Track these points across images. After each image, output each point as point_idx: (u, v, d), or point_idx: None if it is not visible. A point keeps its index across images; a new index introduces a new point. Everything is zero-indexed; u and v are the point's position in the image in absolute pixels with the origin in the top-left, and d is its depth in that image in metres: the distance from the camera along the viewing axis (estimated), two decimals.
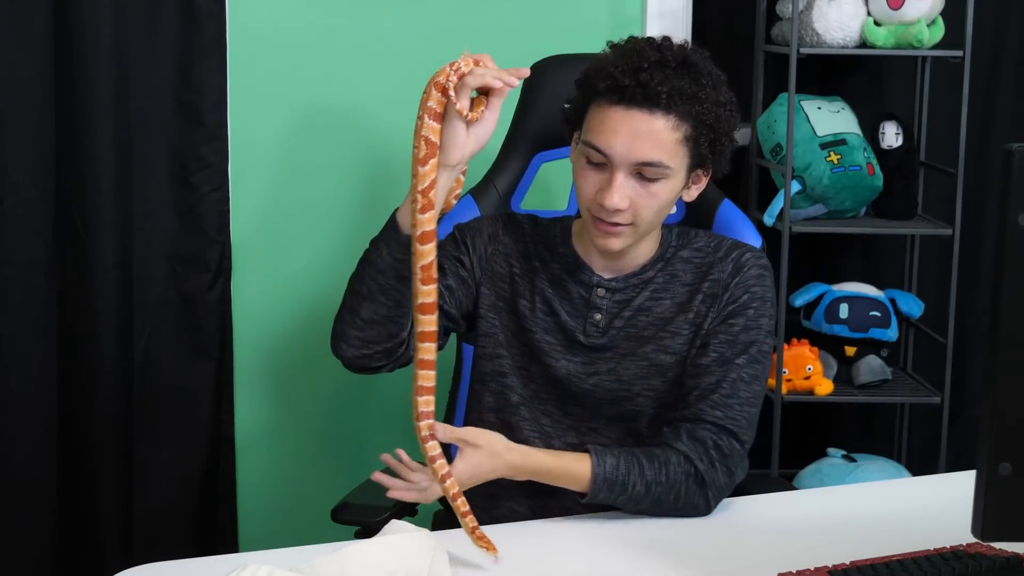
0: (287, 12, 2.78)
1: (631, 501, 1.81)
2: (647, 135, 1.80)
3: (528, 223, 2.03)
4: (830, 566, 1.58)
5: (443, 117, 1.67)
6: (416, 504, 2.12)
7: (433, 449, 1.68)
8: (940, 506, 1.77)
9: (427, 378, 1.67)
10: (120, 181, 2.65)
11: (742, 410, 1.87)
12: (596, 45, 1.95)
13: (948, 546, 1.63)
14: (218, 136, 2.72)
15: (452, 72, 1.65)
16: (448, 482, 1.67)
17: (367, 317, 1.85)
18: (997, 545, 1.60)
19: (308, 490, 2.93)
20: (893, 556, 1.61)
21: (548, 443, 1.95)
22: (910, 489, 2.12)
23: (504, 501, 1.98)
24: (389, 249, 1.81)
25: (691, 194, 1.92)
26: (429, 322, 1.66)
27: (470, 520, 1.66)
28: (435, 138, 1.67)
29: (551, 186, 2.66)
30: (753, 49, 3.24)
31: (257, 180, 2.81)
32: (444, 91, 1.65)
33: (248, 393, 2.87)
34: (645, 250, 1.95)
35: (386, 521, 1.68)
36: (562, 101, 2.01)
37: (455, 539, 1.72)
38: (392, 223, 1.83)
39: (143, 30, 2.64)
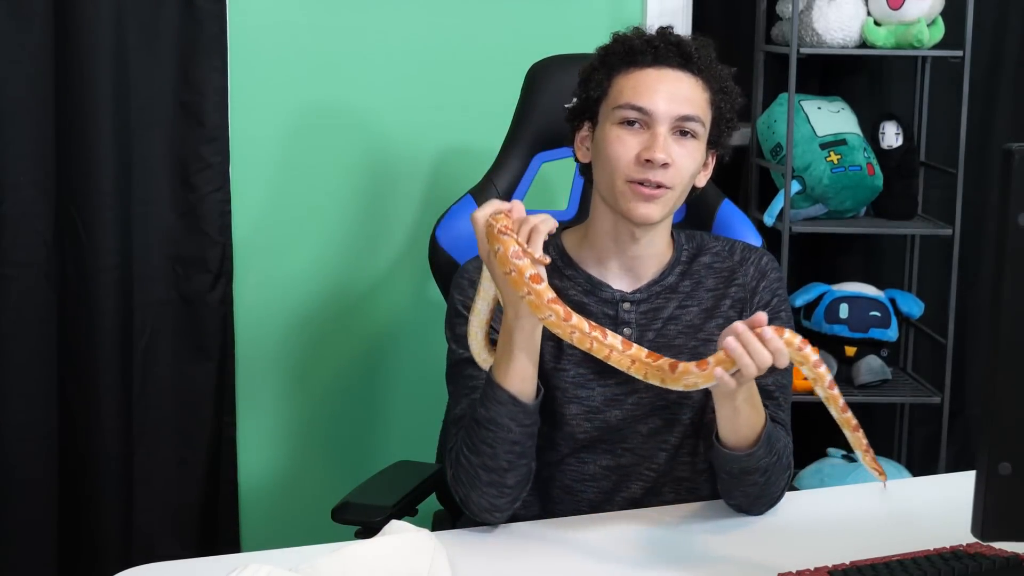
0: (288, 12, 2.78)
1: (765, 470, 1.80)
2: (684, 92, 1.85)
3: None
4: (830, 566, 1.58)
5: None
6: (417, 504, 2.12)
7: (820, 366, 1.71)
8: (940, 506, 1.77)
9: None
10: (120, 181, 2.65)
11: (790, 413, 1.94)
12: (596, 45, 1.95)
13: (948, 546, 1.63)
14: (219, 136, 2.72)
15: (510, 226, 1.67)
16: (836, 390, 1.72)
17: (513, 483, 1.78)
18: (997, 545, 1.60)
19: (308, 490, 2.93)
20: (893, 556, 1.61)
21: (583, 470, 1.91)
22: (910, 489, 2.11)
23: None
24: (517, 422, 1.74)
25: (702, 179, 1.93)
26: None
27: (863, 436, 1.69)
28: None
29: (551, 186, 2.66)
30: (753, 49, 3.24)
31: (258, 181, 2.81)
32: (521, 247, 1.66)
33: (249, 394, 2.87)
34: (661, 250, 1.93)
35: (386, 521, 1.68)
36: (562, 101, 2.00)
37: (455, 539, 1.73)
38: (507, 399, 1.73)
39: (143, 30, 2.64)
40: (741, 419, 1.76)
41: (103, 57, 2.59)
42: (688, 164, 1.85)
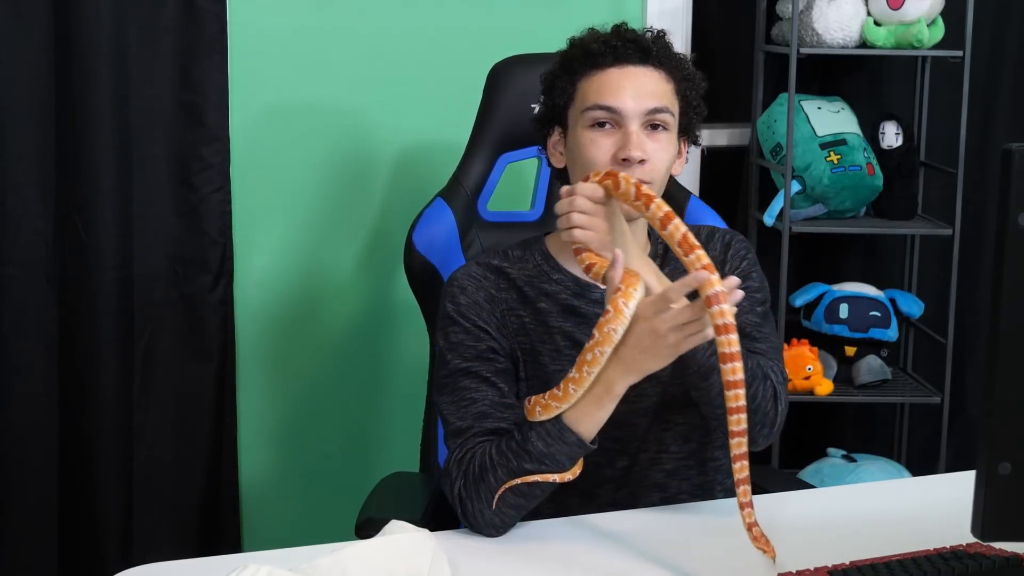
0: (288, 12, 2.78)
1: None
2: (648, 85, 1.86)
3: (507, 264, 1.95)
4: (830, 566, 1.58)
5: None
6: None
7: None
8: (940, 506, 1.77)
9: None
10: (120, 181, 2.65)
11: (781, 361, 1.92)
12: None
13: (948, 546, 1.63)
14: (219, 136, 2.72)
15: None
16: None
17: (533, 506, 1.78)
18: (997, 545, 1.60)
19: (309, 490, 2.93)
20: (893, 556, 1.61)
21: (598, 472, 1.89)
22: (910, 489, 2.12)
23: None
24: (574, 461, 1.73)
25: (678, 168, 1.94)
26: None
27: (747, 515, 1.65)
28: None
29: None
30: (753, 49, 3.24)
31: (259, 181, 2.81)
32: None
33: (249, 394, 2.87)
34: (642, 243, 1.93)
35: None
36: (526, 101, 1.98)
37: (455, 539, 1.73)
38: (574, 440, 1.71)
39: (143, 30, 2.64)
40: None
41: (103, 57, 2.59)
42: (664, 157, 1.86)
